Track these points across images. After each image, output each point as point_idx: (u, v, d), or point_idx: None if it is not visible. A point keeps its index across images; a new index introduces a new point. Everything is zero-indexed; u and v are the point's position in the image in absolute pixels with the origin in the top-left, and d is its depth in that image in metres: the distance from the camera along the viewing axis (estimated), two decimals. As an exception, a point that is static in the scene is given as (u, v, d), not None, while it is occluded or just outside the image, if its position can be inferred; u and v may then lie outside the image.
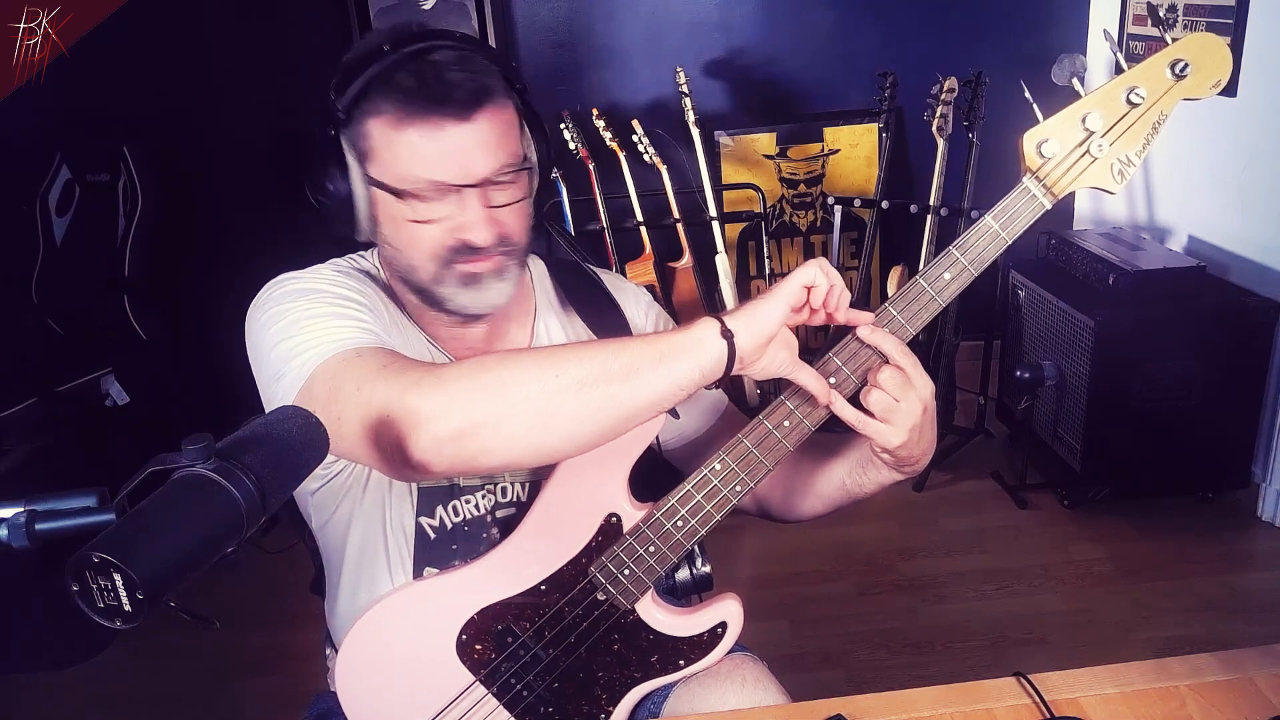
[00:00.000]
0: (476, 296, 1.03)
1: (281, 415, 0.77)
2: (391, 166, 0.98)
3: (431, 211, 0.98)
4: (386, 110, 0.96)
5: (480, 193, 0.98)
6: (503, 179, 1.00)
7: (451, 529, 1.12)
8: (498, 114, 0.99)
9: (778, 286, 0.92)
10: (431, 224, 0.99)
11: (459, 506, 1.12)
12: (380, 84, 0.96)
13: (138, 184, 3.04)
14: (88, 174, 3.05)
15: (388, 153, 0.97)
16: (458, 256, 1.00)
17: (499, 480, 1.13)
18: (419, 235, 1.00)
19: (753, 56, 3.41)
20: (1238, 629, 2.25)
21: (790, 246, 3.55)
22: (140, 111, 3.20)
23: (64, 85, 2.85)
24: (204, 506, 0.65)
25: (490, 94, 0.98)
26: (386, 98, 0.96)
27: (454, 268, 1.01)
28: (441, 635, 1.07)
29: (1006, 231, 0.96)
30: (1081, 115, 0.96)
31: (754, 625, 1.12)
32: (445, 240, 1.00)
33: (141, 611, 0.60)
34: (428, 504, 1.11)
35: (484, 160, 0.98)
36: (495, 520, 1.13)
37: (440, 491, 1.11)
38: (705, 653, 1.09)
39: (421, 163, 0.96)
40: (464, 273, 1.01)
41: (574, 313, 1.18)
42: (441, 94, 0.95)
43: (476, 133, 0.97)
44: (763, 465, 1.00)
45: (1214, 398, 2.58)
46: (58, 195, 3.05)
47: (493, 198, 0.99)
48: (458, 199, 0.98)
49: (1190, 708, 0.96)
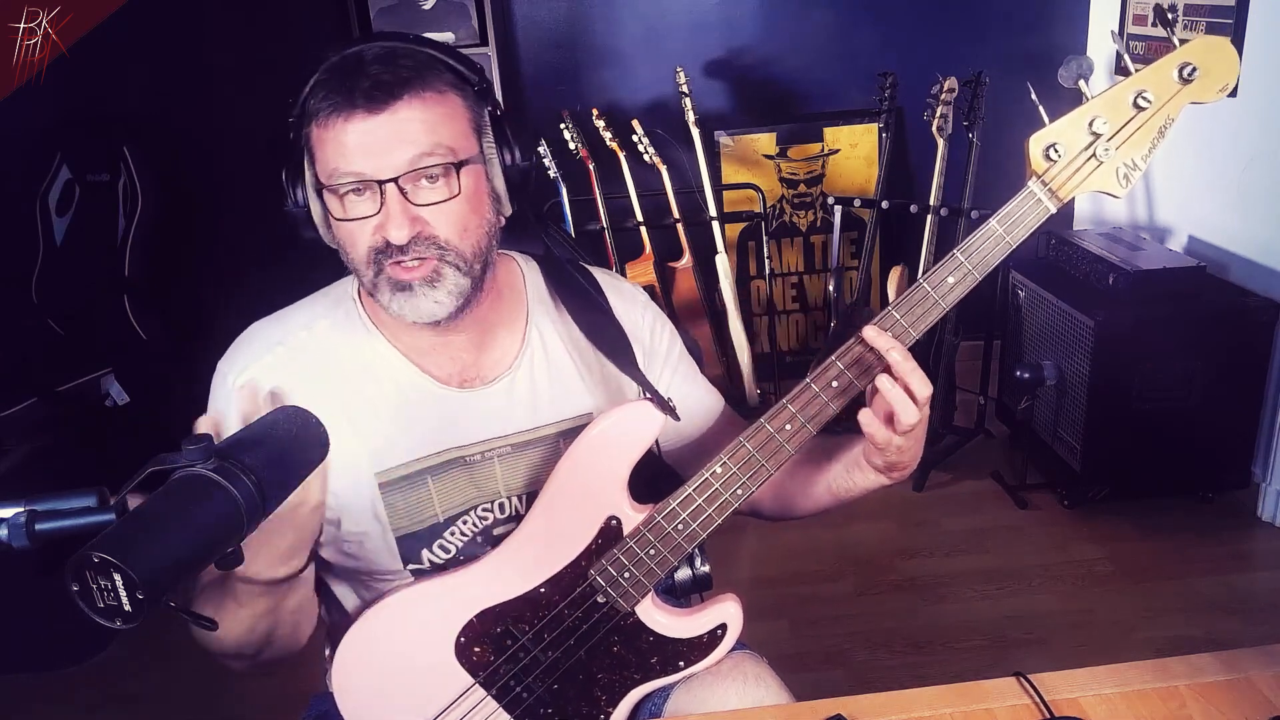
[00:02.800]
0: (410, 305, 0.99)
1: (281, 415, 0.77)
2: (320, 165, 0.98)
3: (353, 208, 0.97)
4: (320, 109, 0.96)
5: (399, 188, 0.96)
6: (429, 173, 0.96)
7: (444, 563, 1.11)
8: (424, 107, 0.96)
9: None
10: (357, 222, 0.97)
11: (445, 543, 1.10)
12: (317, 85, 0.96)
13: (138, 184, 3.04)
14: (88, 174, 3.05)
15: (320, 150, 0.97)
16: (384, 259, 0.98)
17: (495, 497, 1.12)
18: (350, 235, 0.99)
19: (753, 56, 3.41)
20: (1238, 629, 2.25)
21: (790, 246, 3.55)
22: (140, 111, 3.20)
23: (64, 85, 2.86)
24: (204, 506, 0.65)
25: (409, 85, 0.95)
26: (316, 97, 0.96)
27: (384, 272, 0.98)
28: (440, 637, 1.06)
29: (1011, 236, 0.96)
30: (1088, 119, 0.95)
31: (754, 625, 1.12)
32: (370, 239, 0.98)
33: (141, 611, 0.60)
34: (412, 550, 1.10)
35: (401, 152, 0.94)
36: (493, 539, 1.11)
37: (421, 536, 1.09)
38: (705, 654, 1.09)
39: (340, 156, 0.95)
40: (391, 278, 0.98)
41: (569, 316, 1.15)
42: (356, 86, 0.94)
43: (394, 123, 0.94)
44: (764, 469, 1.00)
45: (1214, 398, 2.58)
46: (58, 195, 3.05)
47: (416, 195, 0.96)
48: (373, 195, 0.96)
49: (1190, 708, 0.96)
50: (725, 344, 3.37)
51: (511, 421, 1.11)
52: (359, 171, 0.95)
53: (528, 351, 1.12)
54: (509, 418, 1.11)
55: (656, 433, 1.04)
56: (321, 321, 1.08)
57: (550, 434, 1.12)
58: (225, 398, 1.05)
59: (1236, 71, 0.96)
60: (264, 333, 1.09)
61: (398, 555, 1.09)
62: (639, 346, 1.16)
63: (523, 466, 1.12)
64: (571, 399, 1.13)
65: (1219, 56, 0.95)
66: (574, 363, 1.14)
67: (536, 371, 1.12)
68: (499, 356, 1.11)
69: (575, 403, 1.13)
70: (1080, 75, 0.97)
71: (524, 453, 1.12)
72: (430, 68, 0.97)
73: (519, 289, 1.15)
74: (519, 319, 1.13)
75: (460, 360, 1.09)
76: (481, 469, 1.10)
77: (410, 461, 1.07)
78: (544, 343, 1.13)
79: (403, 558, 1.09)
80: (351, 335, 1.08)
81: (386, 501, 1.07)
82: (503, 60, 3.28)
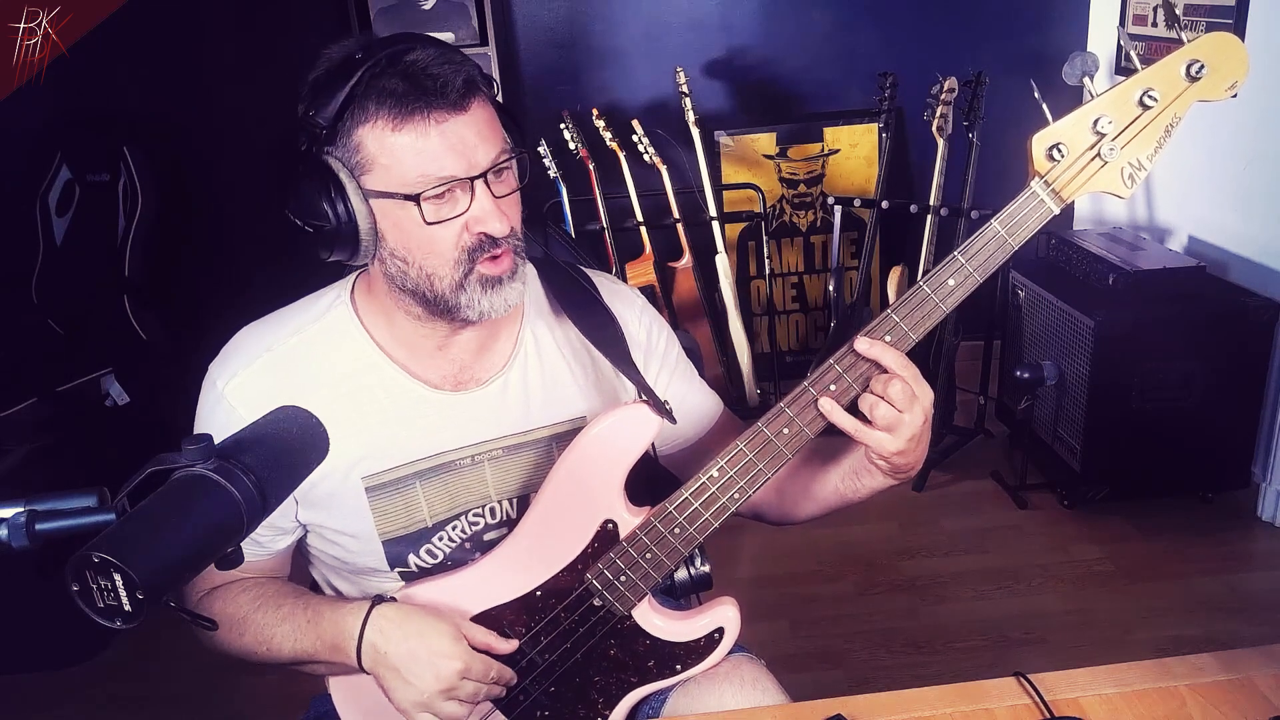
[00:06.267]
0: (497, 300, 1.00)
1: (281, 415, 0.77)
2: (394, 172, 0.95)
3: (445, 210, 0.96)
4: (379, 116, 0.93)
5: (486, 182, 0.97)
6: (501, 167, 0.99)
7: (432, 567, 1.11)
8: (484, 104, 0.98)
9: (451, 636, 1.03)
10: (447, 224, 0.97)
11: (433, 548, 1.11)
12: (366, 92, 0.94)
13: (138, 184, 3.04)
14: (88, 174, 3.05)
15: (387, 158, 0.94)
16: (478, 255, 0.98)
17: (486, 501, 1.12)
18: (435, 239, 0.97)
19: (753, 56, 3.41)
20: (1238, 629, 2.25)
21: (790, 246, 3.55)
22: (140, 111, 3.20)
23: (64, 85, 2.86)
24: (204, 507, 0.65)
25: (475, 85, 0.97)
26: (378, 103, 0.93)
27: (475, 270, 0.99)
28: None
29: (1014, 238, 0.94)
30: (1093, 118, 0.92)
31: (754, 625, 1.12)
32: (463, 238, 0.97)
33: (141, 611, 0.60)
34: (399, 554, 1.10)
35: (484, 149, 0.96)
36: (482, 545, 1.11)
37: (409, 540, 1.10)
38: (702, 658, 1.09)
39: (427, 160, 0.94)
40: (484, 275, 0.99)
41: (566, 318, 1.15)
42: (435, 88, 0.93)
43: (474, 122, 0.96)
44: (762, 473, 1.00)
45: (1214, 398, 2.58)
46: (58, 195, 3.05)
47: (496, 188, 0.99)
48: (465, 193, 0.96)
49: (1190, 708, 0.96)
50: (725, 344, 3.37)
51: (504, 423, 1.11)
52: (451, 174, 0.95)
53: (521, 353, 1.12)
54: (501, 420, 1.10)
55: (653, 436, 1.04)
56: (311, 327, 1.08)
57: (543, 436, 1.12)
58: (214, 402, 1.06)
59: (1246, 68, 0.93)
60: (253, 338, 1.09)
61: (384, 558, 1.09)
62: (637, 348, 1.16)
63: (514, 469, 1.12)
64: (565, 401, 1.13)
65: (1228, 53, 0.92)
66: (568, 365, 1.14)
67: (530, 373, 1.12)
68: (493, 358, 1.11)
69: (569, 405, 1.13)
70: (1085, 72, 0.95)
71: (515, 455, 1.12)
72: (470, 65, 0.98)
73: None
74: (514, 320, 1.13)
75: (458, 362, 1.09)
76: (472, 473, 1.10)
77: (398, 466, 1.07)
78: (538, 344, 1.13)
79: (390, 561, 1.09)
80: (342, 341, 1.08)
81: (374, 506, 1.07)
82: (503, 60, 3.28)
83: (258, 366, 1.06)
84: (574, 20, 3.36)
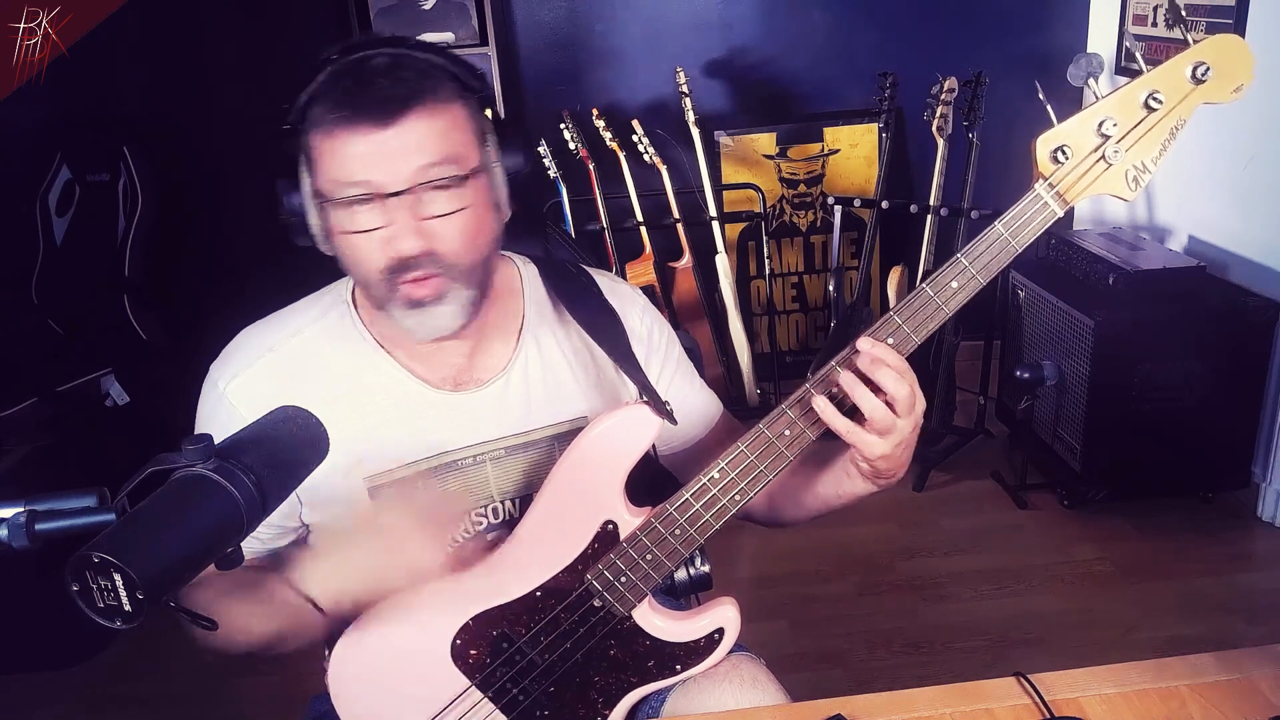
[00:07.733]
0: (421, 322, 0.99)
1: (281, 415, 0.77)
2: (321, 174, 0.96)
3: (361, 221, 0.96)
4: (323, 118, 0.94)
5: (408, 200, 0.94)
6: (439, 185, 0.95)
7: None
8: (432, 118, 0.95)
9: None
10: (365, 235, 0.96)
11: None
12: (318, 91, 0.95)
13: (138, 184, 3.04)
14: (88, 174, 3.06)
15: (324, 161, 0.96)
16: (397, 276, 0.97)
17: (488, 501, 1.11)
18: (355, 249, 0.97)
19: (753, 56, 3.41)
20: (1238, 629, 2.25)
21: (790, 246, 3.55)
22: (140, 111, 3.20)
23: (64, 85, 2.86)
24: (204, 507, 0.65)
25: (418, 98, 0.94)
26: (321, 105, 0.95)
27: (398, 288, 0.97)
28: (436, 640, 1.06)
29: (1017, 240, 0.93)
30: (1098, 120, 0.92)
31: (754, 625, 1.12)
32: (380, 254, 0.96)
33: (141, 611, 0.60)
34: None
35: (407, 166, 0.94)
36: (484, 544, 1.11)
37: None
38: (702, 658, 1.09)
39: (348, 168, 0.94)
40: (406, 295, 0.97)
41: (570, 320, 1.14)
42: (364, 100, 0.93)
43: (400, 137, 0.93)
44: (763, 475, 0.99)
45: (1214, 398, 2.58)
46: (58, 195, 3.06)
47: (424, 208, 0.95)
48: (383, 208, 0.95)
49: (1190, 708, 0.96)
50: (725, 344, 3.37)
51: (505, 424, 1.10)
52: (365, 181, 0.94)
53: (522, 353, 1.12)
54: (502, 420, 1.10)
55: (654, 437, 1.03)
56: (312, 328, 1.08)
57: (544, 436, 1.12)
58: (216, 402, 1.06)
59: (1252, 70, 0.92)
60: (255, 338, 1.09)
61: None
62: (639, 345, 1.16)
63: (516, 469, 1.12)
64: (566, 401, 1.13)
65: (1234, 55, 0.91)
66: (569, 365, 1.14)
67: (531, 373, 1.12)
68: (493, 359, 1.11)
69: (570, 405, 1.13)
70: (1090, 73, 0.94)
71: (517, 455, 1.12)
72: (435, 77, 0.97)
73: (516, 291, 1.15)
74: (514, 321, 1.13)
75: (455, 364, 1.09)
76: (474, 473, 1.10)
77: (400, 467, 1.07)
78: (539, 345, 1.13)
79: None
80: (343, 341, 1.08)
81: (376, 506, 1.07)
82: (503, 61, 3.28)
83: (259, 366, 1.06)
84: (574, 20, 3.36)
